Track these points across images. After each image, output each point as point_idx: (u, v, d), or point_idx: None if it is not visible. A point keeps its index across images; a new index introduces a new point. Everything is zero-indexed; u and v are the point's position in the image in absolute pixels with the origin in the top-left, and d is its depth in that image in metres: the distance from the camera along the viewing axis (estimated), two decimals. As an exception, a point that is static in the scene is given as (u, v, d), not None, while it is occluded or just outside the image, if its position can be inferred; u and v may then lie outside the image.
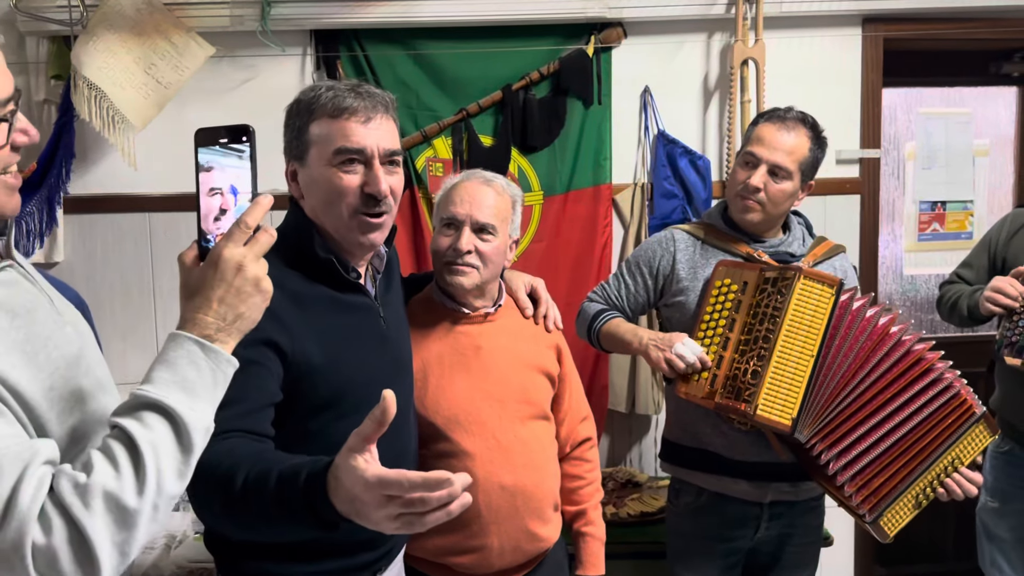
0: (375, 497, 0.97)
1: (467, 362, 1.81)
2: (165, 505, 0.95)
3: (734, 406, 1.86)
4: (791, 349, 1.85)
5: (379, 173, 1.44)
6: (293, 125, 1.47)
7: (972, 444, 1.87)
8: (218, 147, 1.04)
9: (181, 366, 0.97)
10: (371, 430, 0.99)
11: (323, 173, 1.43)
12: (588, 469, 2.01)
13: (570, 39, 2.87)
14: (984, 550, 2.44)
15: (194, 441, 0.96)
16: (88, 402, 1.05)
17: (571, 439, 1.98)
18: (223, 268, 1.00)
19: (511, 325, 1.90)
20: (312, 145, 1.44)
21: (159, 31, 2.66)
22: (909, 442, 1.84)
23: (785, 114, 2.06)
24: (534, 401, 1.87)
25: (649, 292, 2.16)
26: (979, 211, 3.35)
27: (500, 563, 1.81)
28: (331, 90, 1.45)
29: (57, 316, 1.07)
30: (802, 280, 1.87)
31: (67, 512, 0.89)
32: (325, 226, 1.47)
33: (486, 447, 1.78)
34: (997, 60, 3.23)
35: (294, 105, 1.49)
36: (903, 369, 1.85)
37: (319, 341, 1.42)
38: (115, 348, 2.88)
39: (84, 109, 2.61)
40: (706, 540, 2.12)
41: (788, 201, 2.04)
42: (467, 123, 2.88)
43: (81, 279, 2.88)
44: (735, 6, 2.81)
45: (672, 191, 2.88)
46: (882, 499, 1.84)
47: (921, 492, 1.85)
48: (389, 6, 2.76)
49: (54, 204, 2.79)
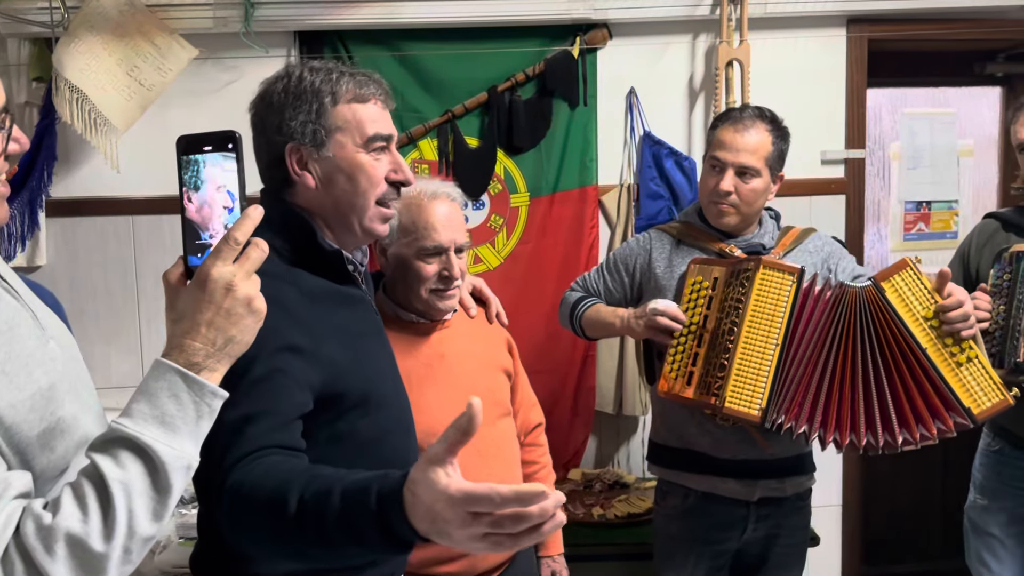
0: (459, 515, 0.87)
1: (433, 372, 1.81)
2: (139, 548, 0.89)
3: (705, 400, 1.89)
4: (755, 340, 1.87)
5: (403, 160, 1.40)
6: (306, 108, 1.34)
7: (913, 290, 1.82)
8: (203, 156, 0.98)
9: (161, 399, 0.91)
10: (455, 438, 0.91)
11: (355, 159, 1.35)
12: (540, 453, 2.07)
13: (555, 40, 2.87)
14: (971, 547, 2.45)
15: (171, 481, 0.90)
16: (73, 429, 0.98)
17: (525, 427, 2.04)
18: (212, 289, 0.94)
19: (465, 327, 1.91)
20: (338, 130, 1.34)
21: (141, 33, 2.64)
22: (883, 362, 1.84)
23: (741, 114, 2.06)
24: (500, 401, 1.90)
25: (626, 290, 2.19)
26: (964, 211, 3.37)
27: (484, 565, 1.82)
28: (348, 75, 1.37)
29: (40, 331, 1.00)
30: (762, 270, 1.90)
31: (29, 556, 0.85)
32: (341, 216, 1.38)
33: (464, 453, 1.74)
34: (981, 60, 3.24)
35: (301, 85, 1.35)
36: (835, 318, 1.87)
37: (338, 338, 1.33)
38: (99, 351, 2.85)
39: (66, 112, 2.59)
40: (693, 542, 2.12)
41: (761, 198, 2.05)
42: (453, 125, 2.87)
43: (64, 283, 2.85)
44: (720, 7, 2.81)
45: (658, 192, 2.88)
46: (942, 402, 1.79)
47: (955, 357, 1.78)
48: (373, 7, 2.75)
49: (36, 207, 2.76)
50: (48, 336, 1.01)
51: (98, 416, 1.07)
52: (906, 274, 1.84)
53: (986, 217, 2.44)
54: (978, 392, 1.79)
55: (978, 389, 1.79)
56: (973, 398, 1.79)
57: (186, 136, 0.99)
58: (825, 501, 2.96)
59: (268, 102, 1.37)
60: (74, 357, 1.08)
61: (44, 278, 2.82)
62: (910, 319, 1.82)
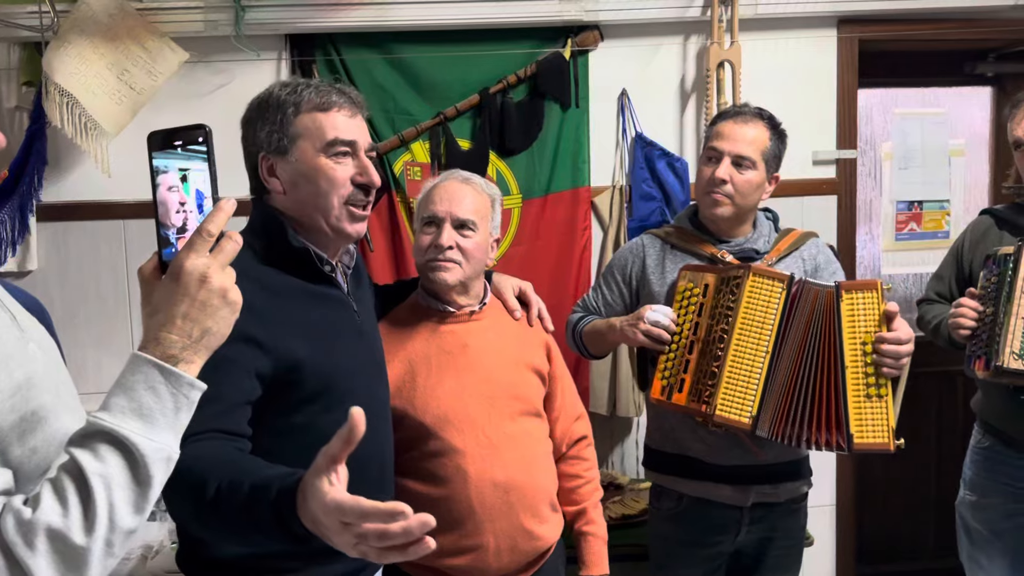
0: (333, 522, 0.94)
1: (454, 360, 1.82)
2: (120, 540, 0.90)
3: (696, 408, 1.89)
4: (745, 347, 1.88)
5: (370, 165, 1.48)
6: (273, 118, 1.48)
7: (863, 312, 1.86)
8: (174, 150, 0.98)
9: (139, 392, 0.91)
10: (338, 449, 0.94)
11: (315, 164, 1.46)
12: (586, 468, 2.01)
13: (547, 42, 2.87)
14: (963, 543, 2.45)
15: (152, 473, 0.90)
16: (49, 421, 0.98)
17: (567, 438, 1.99)
18: (186, 281, 0.93)
19: (498, 324, 1.91)
20: (300, 137, 1.46)
21: (132, 36, 2.63)
22: (815, 366, 1.87)
23: (741, 109, 2.09)
24: (523, 397, 1.88)
25: (624, 298, 2.18)
26: (955, 210, 3.38)
27: (497, 564, 1.79)
28: (312, 87, 1.49)
29: (20, 333, 1.00)
30: (751, 278, 1.90)
31: (10, 551, 0.84)
32: (308, 218, 1.48)
33: (476, 444, 1.78)
34: (971, 60, 3.25)
35: (269, 100, 1.50)
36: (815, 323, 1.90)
37: (301, 333, 1.42)
38: (90, 356, 2.85)
39: (56, 116, 2.58)
40: (687, 545, 2.12)
41: (756, 192, 2.05)
42: (444, 127, 2.86)
43: (55, 287, 2.84)
44: (711, 9, 2.82)
45: (650, 193, 2.88)
46: (841, 426, 1.84)
47: (868, 388, 1.84)
48: (364, 10, 2.75)
49: (27, 212, 2.75)
50: (28, 338, 1.01)
51: (81, 421, 1.06)
52: (869, 295, 1.87)
53: (982, 214, 2.44)
54: (868, 426, 1.83)
55: (870, 424, 1.83)
56: (861, 429, 1.83)
57: (157, 131, 1.00)
58: (819, 501, 2.96)
59: (247, 118, 1.53)
60: (55, 361, 1.07)
61: (35, 283, 2.81)
62: (848, 336, 1.86)
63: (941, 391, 3.35)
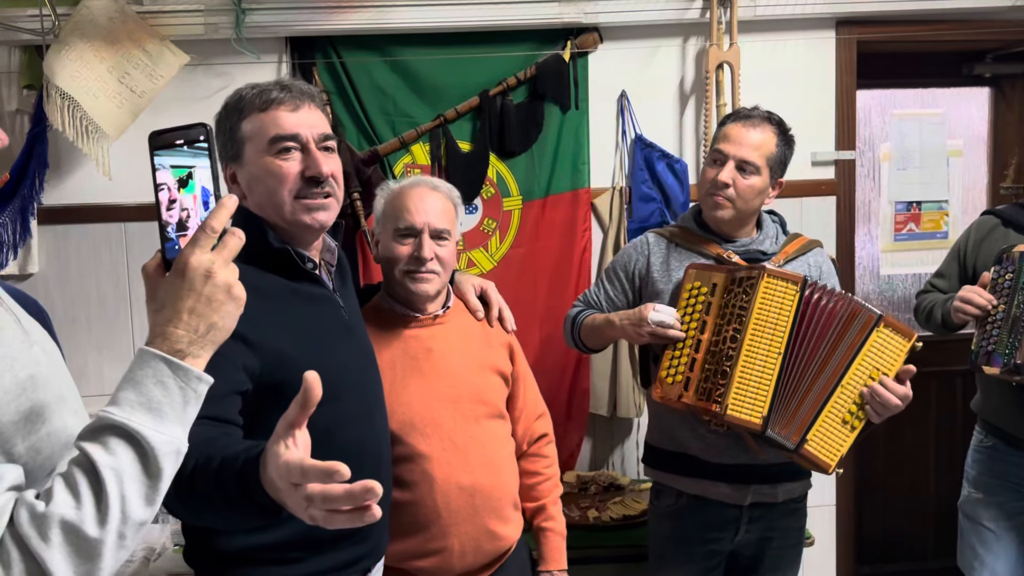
0: (285, 484, 0.96)
1: (419, 365, 1.83)
2: (132, 532, 0.90)
3: (705, 407, 1.89)
4: (758, 348, 1.87)
5: (318, 156, 1.47)
6: (224, 128, 1.50)
7: (886, 352, 1.87)
8: (176, 149, 0.99)
9: (147, 386, 0.92)
10: (295, 414, 0.97)
11: (261, 164, 1.47)
12: (546, 465, 2.04)
13: (546, 44, 2.88)
14: (966, 540, 2.46)
15: (162, 466, 0.91)
16: (52, 420, 0.99)
17: (527, 436, 2.01)
18: (191, 276, 0.95)
19: (461, 326, 1.92)
20: (246, 141, 1.48)
21: (132, 40, 2.64)
22: (820, 370, 1.87)
23: (751, 112, 2.08)
24: (488, 401, 1.89)
25: (627, 295, 2.17)
26: (954, 211, 3.39)
27: (461, 564, 1.82)
28: (255, 88, 1.49)
29: (24, 336, 1.02)
30: (766, 279, 1.89)
31: (24, 544, 0.85)
32: (272, 219, 1.49)
33: (442, 448, 1.79)
34: (969, 61, 3.26)
35: (222, 111, 1.53)
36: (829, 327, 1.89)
37: (287, 331, 1.43)
38: (92, 360, 2.85)
39: (57, 119, 2.58)
40: (686, 543, 2.12)
41: (758, 197, 2.05)
42: (445, 129, 2.87)
43: (56, 290, 2.85)
44: (709, 10, 2.83)
45: (650, 194, 2.88)
46: (802, 423, 1.86)
47: (847, 412, 1.86)
48: (364, 13, 2.75)
49: (28, 215, 2.75)
50: (32, 341, 1.02)
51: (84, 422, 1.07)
52: (901, 341, 1.87)
53: (984, 214, 2.45)
54: (823, 442, 1.86)
55: (826, 442, 1.86)
56: (816, 440, 1.86)
57: (158, 131, 1.00)
58: (819, 501, 2.97)
59: (216, 128, 1.52)
60: (58, 363, 1.08)
61: (36, 286, 2.82)
62: (861, 362, 1.86)
63: (941, 391, 3.36)
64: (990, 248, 2.31)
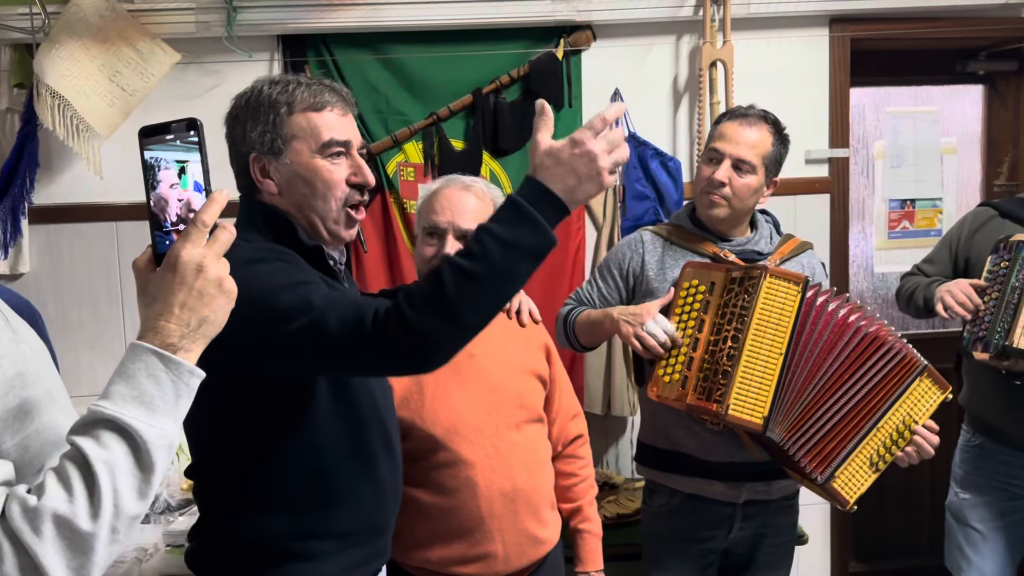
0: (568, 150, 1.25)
1: (461, 371, 1.80)
2: (125, 526, 0.91)
3: (706, 407, 1.86)
4: (760, 348, 1.86)
5: (363, 163, 1.47)
6: (265, 119, 1.44)
7: (922, 401, 1.89)
8: (166, 144, 0.99)
9: (140, 379, 0.92)
10: None
11: (310, 165, 1.43)
12: (581, 466, 2.03)
13: (539, 42, 2.87)
14: (952, 541, 2.46)
15: (155, 459, 0.91)
16: (41, 417, 1.00)
17: (563, 437, 2.00)
18: (183, 271, 0.95)
19: (499, 330, 1.88)
20: (294, 139, 1.43)
21: (123, 38, 2.62)
22: (855, 404, 1.87)
23: (747, 111, 2.08)
24: (528, 405, 1.88)
25: (621, 293, 2.16)
26: (948, 208, 3.39)
27: (505, 570, 1.81)
28: (304, 85, 1.46)
29: (12, 334, 1.02)
30: (768, 279, 1.87)
31: (16, 538, 0.85)
32: (305, 219, 1.46)
33: (485, 455, 1.79)
34: (963, 59, 3.26)
35: (259, 98, 1.45)
36: (860, 351, 1.87)
37: None
38: (83, 359, 2.84)
39: (48, 118, 2.57)
40: (680, 541, 2.12)
41: (753, 196, 2.05)
42: (438, 127, 2.86)
43: (48, 290, 2.84)
44: (703, 8, 2.82)
45: (644, 193, 2.88)
46: (832, 460, 1.85)
47: (875, 454, 1.86)
48: (357, 10, 2.74)
49: (19, 214, 2.74)
50: (20, 339, 1.03)
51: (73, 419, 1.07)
52: (936, 392, 1.92)
53: (981, 205, 2.44)
54: (851, 479, 1.87)
55: (853, 478, 1.87)
56: (843, 478, 1.86)
57: (147, 126, 1.00)
58: (813, 499, 2.93)
59: (234, 116, 1.48)
60: (46, 363, 1.08)
61: (27, 285, 2.81)
62: (900, 405, 1.88)
63: (934, 389, 3.36)
64: (984, 239, 2.31)
